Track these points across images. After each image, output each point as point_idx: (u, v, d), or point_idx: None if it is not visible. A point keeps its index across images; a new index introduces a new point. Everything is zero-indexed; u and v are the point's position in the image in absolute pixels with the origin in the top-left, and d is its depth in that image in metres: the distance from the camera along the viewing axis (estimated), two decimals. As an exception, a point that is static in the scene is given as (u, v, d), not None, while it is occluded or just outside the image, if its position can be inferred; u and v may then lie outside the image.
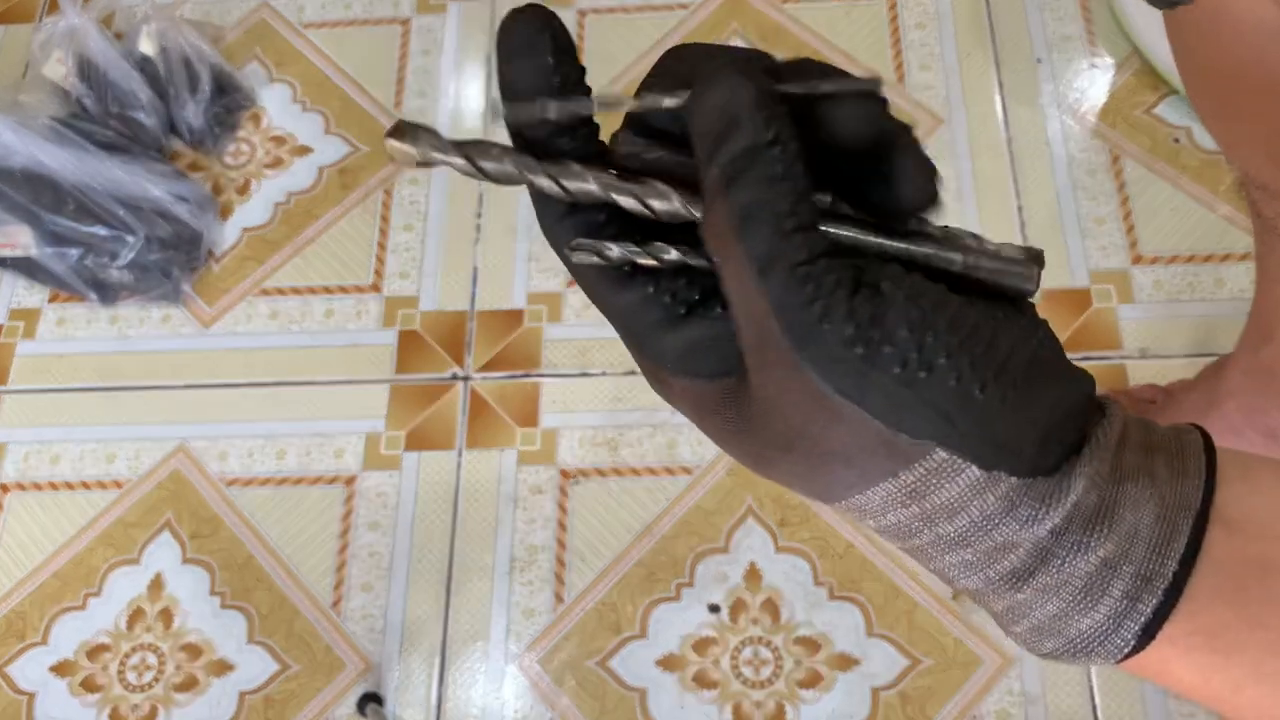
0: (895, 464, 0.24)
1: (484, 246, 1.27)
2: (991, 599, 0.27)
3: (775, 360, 0.23)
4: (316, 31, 1.42)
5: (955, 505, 0.25)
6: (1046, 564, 0.25)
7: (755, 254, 0.23)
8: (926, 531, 0.25)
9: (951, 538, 0.25)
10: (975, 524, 0.25)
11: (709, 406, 0.27)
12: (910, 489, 0.25)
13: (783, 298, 0.23)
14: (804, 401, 0.24)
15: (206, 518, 1.15)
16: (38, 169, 1.19)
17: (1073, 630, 0.26)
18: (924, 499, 0.25)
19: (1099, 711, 1.01)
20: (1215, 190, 1.21)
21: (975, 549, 0.25)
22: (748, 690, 1.04)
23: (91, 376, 1.23)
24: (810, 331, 0.23)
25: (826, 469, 0.25)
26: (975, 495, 0.24)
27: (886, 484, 0.25)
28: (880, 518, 0.26)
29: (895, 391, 0.23)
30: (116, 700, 1.08)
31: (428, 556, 1.12)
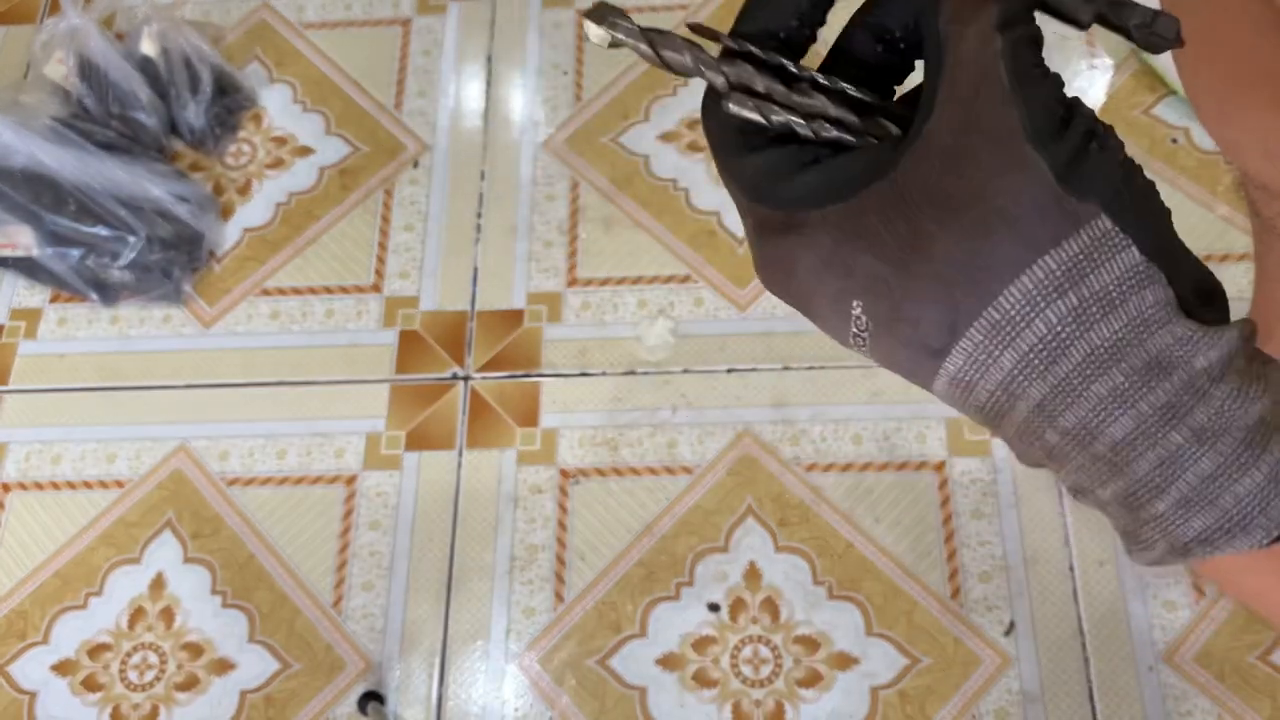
0: (1062, 228, 0.24)
1: (484, 247, 1.27)
2: (1140, 451, 0.25)
3: (985, 102, 0.24)
4: (317, 32, 1.43)
5: (1113, 295, 0.24)
6: (1204, 401, 0.24)
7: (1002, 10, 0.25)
8: (1078, 341, 0.24)
9: (1105, 347, 0.24)
10: (1131, 326, 0.24)
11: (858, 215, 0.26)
12: (1070, 265, 0.24)
13: (1015, 48, 0.24)
14: (995, 143, 0.24)
15: (207, 517, 1.15)
16: (39, 169, 1.19)
17: (1228, 497, 0.24)
18: (1081, 282, 0.24)
19: (1098, 711, 1.01)
20: (1213, 190, 1.21)
21: (1129, 364, 0.24)
22: (747, 689, 1.04)
23: (93, 376, 1.23)
24: (1031, 77, 0.24)
25: (991, 237, 0.24)
26: (1135, 287, 0.24)
27: (1047, 259, 0.24)
28: (1025, 329, 0.24)
29: (1080, 149, 0.24)
30: (118, 699, 1.09)
31: (428, 556, 1.12)
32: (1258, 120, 0.66)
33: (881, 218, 0.26)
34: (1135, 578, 1.05)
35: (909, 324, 0.25)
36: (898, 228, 0.25)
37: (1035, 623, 1.04)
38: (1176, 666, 1.02)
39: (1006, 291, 0.24)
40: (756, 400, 1.16)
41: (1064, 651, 1.03)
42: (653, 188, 1.28)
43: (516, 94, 1.36)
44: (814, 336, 1.18)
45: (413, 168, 1.32)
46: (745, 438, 1.14)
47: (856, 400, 1.15)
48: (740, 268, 1.22)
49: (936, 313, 0.25)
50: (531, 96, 1.36)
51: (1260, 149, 0.71)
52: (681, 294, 1.21)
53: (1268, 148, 0.69)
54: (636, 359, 1.19)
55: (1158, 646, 1.03)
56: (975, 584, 1.06)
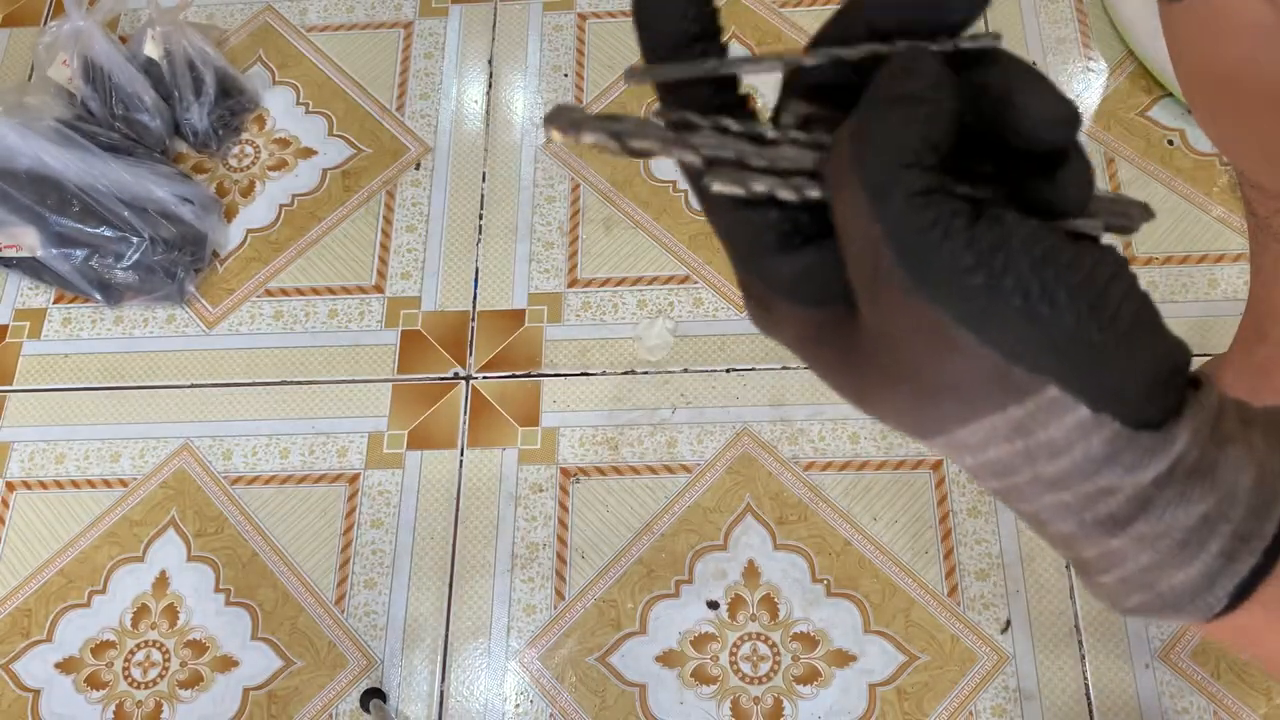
0: (1007, 398, 0.24)
1: (485, 247, 1.28)
2: (1084, 545, 0.26)
3: (888, 291, 0.23)
4: (320, 35, 1.43)
5: (1059, 445, 0.24)
6: (1146, 512, 0.25)
7: (871, 181, 0.22)
8: (1026, 470, 0.25)
9: (1051, 478, 0.25)
10: (1078, 466, 0.24)
11: (814, 336, 0.26)
12: (1017, 424, 0.24)
13: (898, 223, 0.22)
14: (918, 333, 0.23)
15: (211, 516, 1.16)
16: (43, 170, 1.20)
17: (1164, 585, 0.25)
18: (1029, 436, 0.24)
19: (1094, 709, 1.02)
20: (1208, 192, 1.22)
21: (1075, 492, 0.25)
22: (746, 686, 1.05)
23: (96, 376, 1.24)
24: (929, 257, 0.22)
25: (934, 403, 0.25)
26: (1081, 436, 0.24)
27: (993, 418, 0.24)
28: (980, 453, 0.25)
29: (1016, 324, 0.22)
30: (121, 696, 1.09)
31: (430, 554, 1.13)
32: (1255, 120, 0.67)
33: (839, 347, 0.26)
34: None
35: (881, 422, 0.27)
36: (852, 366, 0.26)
37: (1032, 620, 1.05)
38: (1173, 664, 1.03)
39: (956, 432, 0.25)
40: (755, 399, 1.16)
41: (1060, 649, 1.04)
42: (653, 189, 1.29)
43: (517, 96, 1.37)
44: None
45: (414, 169, 1.33)
46: (744, 437, 1.15)
47: (855, 400, 1.15)
48: (739, 268, 1.23)
49: (896, 425, 0.26)
50: (532, 98, 1.37)
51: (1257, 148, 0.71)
52: (681, 294, 1.22)
53: (1264, 147, 0.69)
54: (636, 359, 1.20)
55: (1154, 644, 1.04)
56: (972, 581, 1.07)
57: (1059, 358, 0.23)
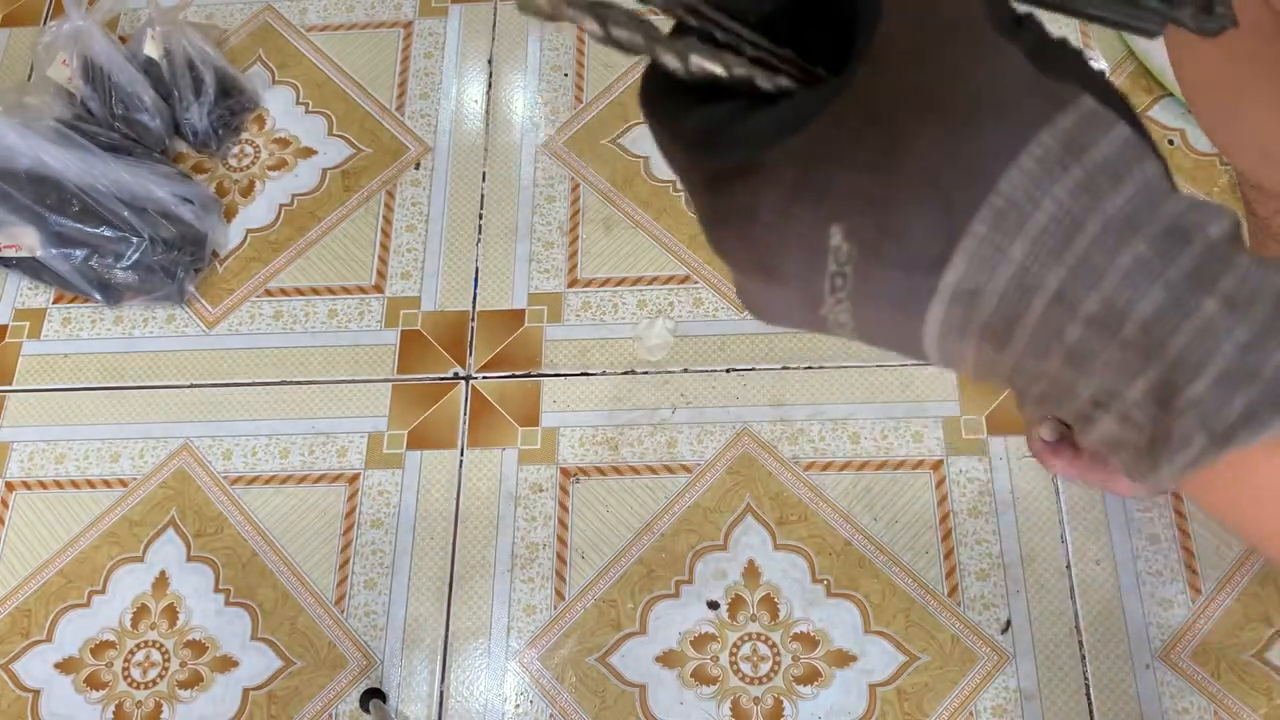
0: (1049, 106, 0.23)
1: (485, 247, 1.28)
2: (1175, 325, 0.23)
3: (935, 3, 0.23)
4: (319, 34, 1.43)
5: (1118, 164, 0.23)
6: (1229, 266, 0.23)
7: None
8: (1092, 215, 0.23)
9: (1121, 217, 0.23)
10: (1143, 192, 0.23)
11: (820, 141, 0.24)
12: (1068, 139, 0.22)
13: None
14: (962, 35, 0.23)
15: (210, 516, 1.16)
16: (43, 170, 1.20)
17: (1269, 367, 0.22)
18: (1083, 154, 0.23)
19: (1094, 708, 1.02)
20: (1209, 192, 1.22)
21: (1149, 232, 0.23)
22: (746, 686, 1.05)
23: (96, 376, 1.24)
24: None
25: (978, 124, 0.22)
26: (1135, 158, 0.23)
27: (1044, 135, 0.22)
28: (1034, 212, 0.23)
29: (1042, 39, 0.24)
30: (121, 696, 1.09)
31: (430, 554, 1.13)
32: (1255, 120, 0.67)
33: (849, 133, 0.23)
34: (1132, 576, 1.06)
35: (897, 239, 0.23)
36: (870, 138, 0.23)
37: (1032, 620, 1.05)
38: (1173, 664, 1.03)
39: (1006, 174, 0.22)
40: (755, 399, 1.16)
41: (1061, 649, 1.04)
42: (653, 189, 1.29)
43: (517, 96, 1.37)
44: (813, 336, 1.19)
45: (414, 169, 1.33)
46: (744, 437, 1.15)
47: (854, 399, 1.15)
48: (739, 268, 1.23)
49: (929, 215, 0.23)
50: (532, 98, 1.37)
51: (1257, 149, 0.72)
52: (681, 294, 1.22)
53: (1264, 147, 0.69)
54: (636, 359, 1.20)
55: (1154, 644, 1.03)
56: (973, 582, 1.07)
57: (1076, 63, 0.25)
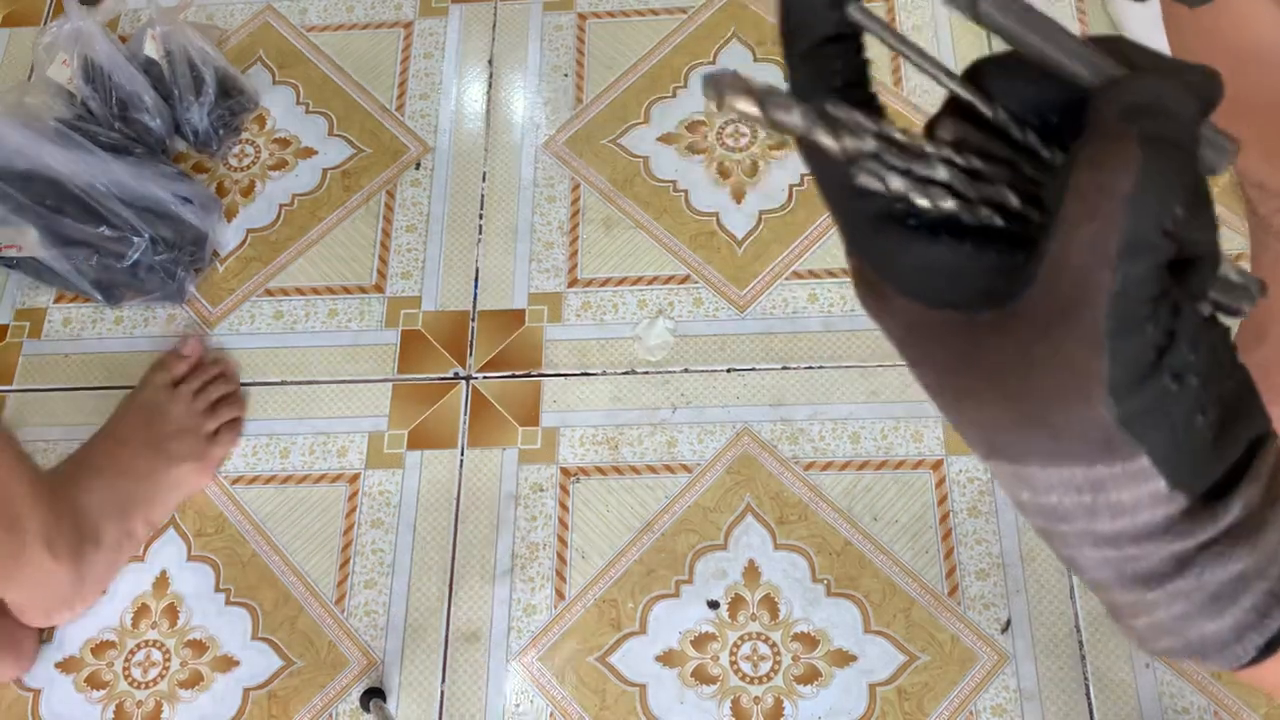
0: (1100, 457, 0.24)
1: (485, 247, 1.28)
2: (1117, 593, 0.27)
3: (1073, 327, 0.23)
4: (320, 34, 1.44)
5: (1125, 508, 0.25)
6: (1184, 571, 0.25)
7: (1134, 231, 0.22)
8: (1081, 522, 0.25)
9: (1103, 535, 0.25)
10: (1134, 528, 0.25)
11: (925, 333, 0.26)
12: (1095, 482, 0.24)
13: (1129, 284, 0.22)
14: (1069, 370, 0.23)
15: (211, 516, 1.16)
16: (43, 170, 1.20)
17: (1193, 634, 0.26)
18: (1100, 493, 0.24)
19: (1094, 708, 1.02)
20: (1209, 192, 1.22)
21: (1119, 547, 0.25)
22: (746, 686, 1.05)
23: (96, 376, 1.24)
24: (1133, 326, 0.22)
25: (1030, 434, 0.24)
26: (1150, 505, 0.24)
27: (1077, 470, 0.24)
28: (1042, 495, 0.25)
29: (1154, 399, 0.23)
30: (121, 696, 1.09)
31: (430, 554, 1.13)
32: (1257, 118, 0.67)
33: (952, 344, 0.25)
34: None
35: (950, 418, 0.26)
36: (961, 366, 0.25)
37: (1032, 620, 1.05)
38: (1172, 664, 1.03)
39: (1032, 469, 0.25)
40: (755, 400, 1.16)
41: (1061, 648, 1.04)
42: (653, 189, 1.29)
43: (518, 96, 1.37)
44: (813, 336, 1.19)
45: (414, 169, 1.33)
46: (744, 437, 1.15)
47: (854, 399, 1.16)
48: (740, 268, 1.23)
49: (975, 439, 0.26)
50: (533, 98, 1.37)
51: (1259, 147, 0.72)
52: (681, 294, 1.22)
53: (1266, 146, 0.69)
54: (636, 359, 1.20)
55: (1154, 644, 1.03)
56: (972, 581, 1.07)
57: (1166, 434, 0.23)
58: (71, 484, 1.05)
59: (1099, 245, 0.22)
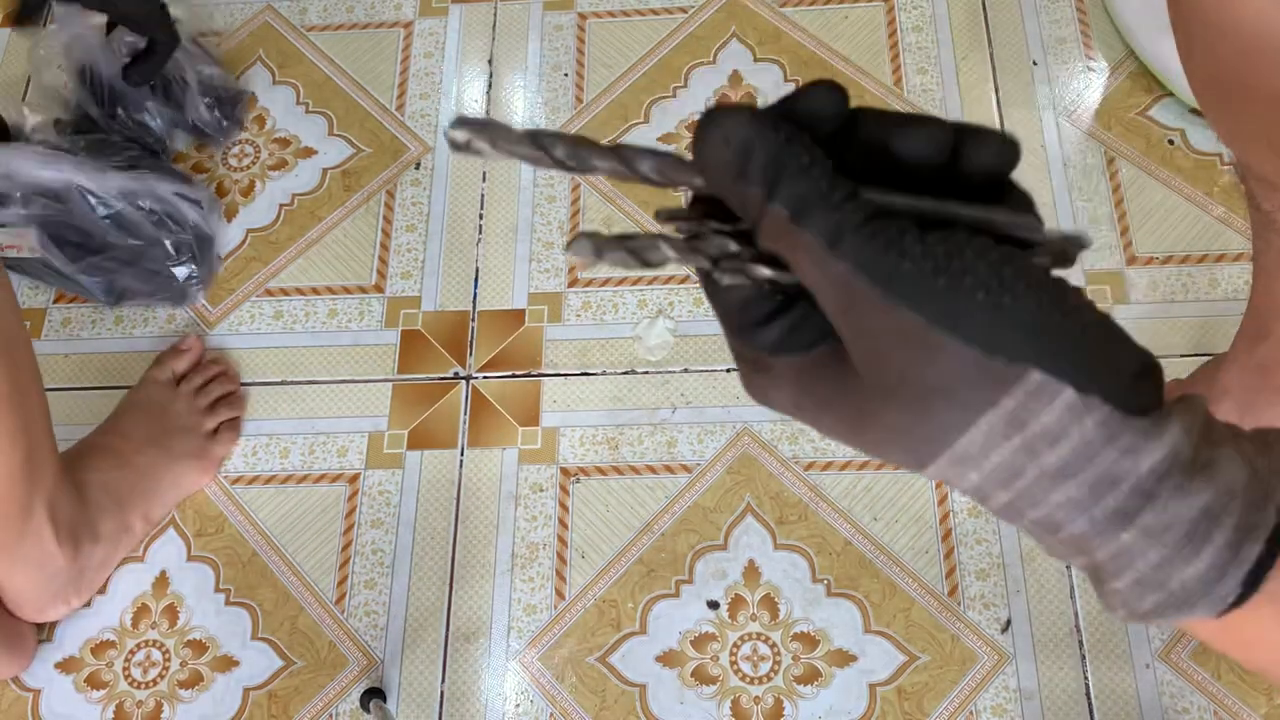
0: (995, 391, 0.25)
1: (485, 247, 1.28)
2: (1096, 545, 0.27)
3: (867, 315, 0.25)
4: (319, 34, 1.43)
5: (1056, 431, 0.26)
6: (1150, 503, 0.26)
7: (821, 232, 0.25)
8: (1031, 466, 0.26)
9: (1055, 469, 0.26)
10: (1077, 451, 0.26)
11: (809, 376, 0.29)
12: (1010, 416, 0.25)
13: (859, 256, 0.25)
14: (902, 343, 0.25)
15: (211, 516, 1.16)
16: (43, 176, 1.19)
17: (1175, 581, 0.27)
18: (1025, 427, 0.26)
19: (1094, 708, 1.02)
20: (1209, 192, 1.22)
21: (1080, 481, 0.26)
22: (746, 686, 1.05)
23: (96, 376, 1.24)
24: (894, 274, 0.25)
25: (929, 411, 0.26)
26: (1074, 419, 0.25)
27: (989, 416, 0.26)
28: (983, 462, 0.27)
29: (985, 315, 0.25)
30: (121, 696, 1.09)
31: (430, 553, 1.13)
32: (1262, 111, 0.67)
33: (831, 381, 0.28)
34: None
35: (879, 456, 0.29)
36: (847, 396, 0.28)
37: (1032, 620, 1.05)
38: (1173, 664, 1.03)
39: (956, 443, 0.26)
40: (756, 399, 1.16)
41: (1061, 649, 1.04)
42: (653, 189, 1.28)
43: (517, 96, 1.37)
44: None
45: (414, 169, 1.33)
46: (744, 437, 1.15)
47: (855, 399, 1.15)
48: (739, 268, 1.23)
49: (901, 455, 0.28)
50: (532, 98, 1.37)
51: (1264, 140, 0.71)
52: (681, 294, 1.22)
53: (1272, 140, 0.69)
54: (636, 359, 1.20)
55: (1154, 644, 1.03)
56: (973, 581, 1.07)
57: (1030, 340, 0.25)
58: (70, 473, 1.05)
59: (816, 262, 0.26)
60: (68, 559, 1.03)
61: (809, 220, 0.25)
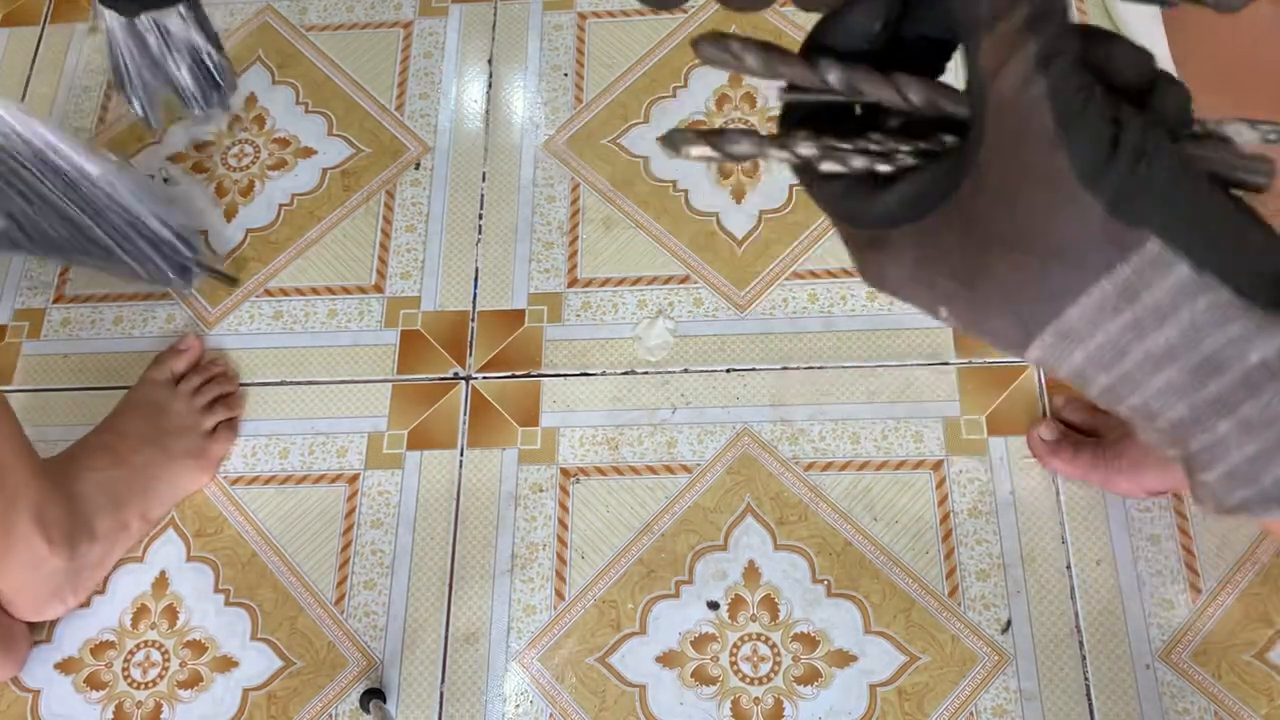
0: (1113, 255, 0.26)
1: (485, 247, 1.28)
2: (1193, 433, 0.27)
3: (1032, 142, 0.26)
4: (319, 34, 1.43)
5: (1165, 308, 0.26)
6: (1254, 395, 0.26)
7: (1042, 47, 0.25)
8: (1136, 346, 0.26)
9: (1160, 351, 0.26)
10: (1184, 332, 0.26)
11: (930, 237, 0.29)
12: (1123, 287, 0.26)
13: (1058, 83, 0.25)
14: (1044, 184, 0.26)
15: (210, 516, 1.16)
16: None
17: (1268, 478, 0.26)
18: (1136, 300, 0.26)
19: (1095, 708, 1.02)
20: (1210, 191, 1.22)
21: (1184, 364, 0.26)
22: (746, 687, 1.05)
23: (96, 376, 1.24)
24: (1077, 117, 0.25)
25: (1046, 268, 0.26)
26: (1186, 297, 0.25)
27: (1101, 284, 0.26)
28: (1090, 339, 0.27)
29: (1128, 177, 0.25)
30: (121, 697, 1.09)
31: (430, 554, 1.13)
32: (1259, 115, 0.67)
33: (951, 239, 0.28)
34: (1133, 576, 1.06)
35: (988, 330, 0.29)
36: (966, 250, 0.28)
37: (1033, 621, 1.05)
38: (1174, 664, 1.02)
39: (1066, 312, 0.27)
40: (755, 400, 1.16)
41: (1061, 649, 1.04)
42: (653, 189, 1.29)
43: (517, 96, 1.37)
44: (813, 336, 1.19)
45: (414, 169, 1.33)
46: (744, 437, 1.15)
47: (854, 400, 1.15)
48: (740, 268, 1.23)
49: (1009, 325, 0.28)
50: (532, 98, 1.37)
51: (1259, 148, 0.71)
52: (681, 294, 1.22)
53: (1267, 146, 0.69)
54: (636, 359, 1.20)
55: (1155, 644, 1.03)
56: (973, 582, 1.07)
57: (1155, 207, 0.25)
58: (66, 472, 1.05)
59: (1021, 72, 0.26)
60: (63, 559, 1.03)
61: (1042, 30, 0.25)
